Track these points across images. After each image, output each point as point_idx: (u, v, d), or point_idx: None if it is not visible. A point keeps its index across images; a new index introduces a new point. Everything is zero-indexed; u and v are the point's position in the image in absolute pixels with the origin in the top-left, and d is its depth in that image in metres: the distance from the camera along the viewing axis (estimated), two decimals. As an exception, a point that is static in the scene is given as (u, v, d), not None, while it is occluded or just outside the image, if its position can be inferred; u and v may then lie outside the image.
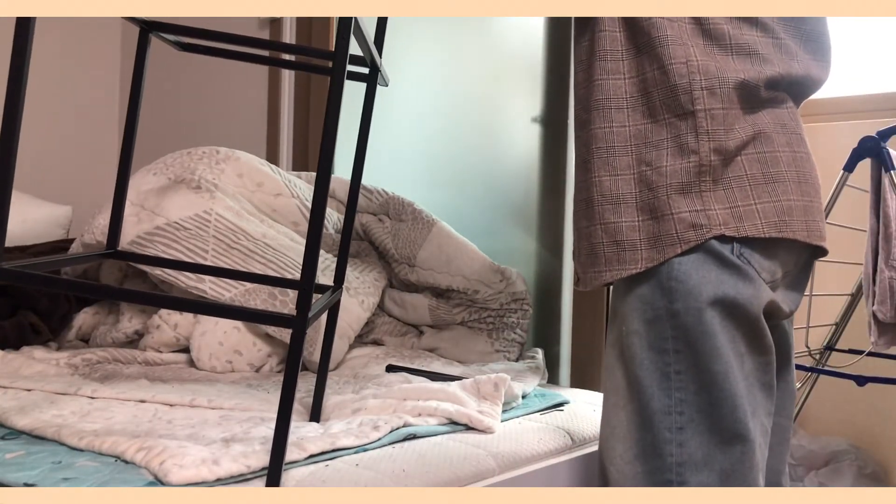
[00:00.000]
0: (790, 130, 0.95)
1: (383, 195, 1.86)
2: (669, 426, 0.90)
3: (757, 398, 0.92)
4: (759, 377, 0.93)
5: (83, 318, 1.74)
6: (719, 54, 0.92)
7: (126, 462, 0.94)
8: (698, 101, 0.90)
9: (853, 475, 1.77)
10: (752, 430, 0.89)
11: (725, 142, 0.90)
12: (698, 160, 0.91)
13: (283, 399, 0.84)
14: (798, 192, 0.93)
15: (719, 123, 0.90)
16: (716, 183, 0.91)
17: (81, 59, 2.70)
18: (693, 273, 0.90)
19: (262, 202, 1.70)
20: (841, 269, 1.76)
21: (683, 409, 0.90)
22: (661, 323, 0.91)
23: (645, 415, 0.92)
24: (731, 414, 0.89)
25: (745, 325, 0.91)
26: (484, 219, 2.12)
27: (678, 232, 0.91)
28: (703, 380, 0.89)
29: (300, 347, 0.84)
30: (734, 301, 0.89)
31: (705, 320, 0.89)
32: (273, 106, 2.33)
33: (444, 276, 1.75)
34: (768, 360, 0.94)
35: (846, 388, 1.71)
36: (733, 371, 0.89)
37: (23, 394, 1.25)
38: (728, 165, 0.91)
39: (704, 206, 0.91)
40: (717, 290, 0.89)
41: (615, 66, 0.96)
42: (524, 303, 1.79)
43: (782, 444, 1.06)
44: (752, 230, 0.90)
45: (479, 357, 1.69)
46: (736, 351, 0.90)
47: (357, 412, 1.20)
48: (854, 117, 1.92)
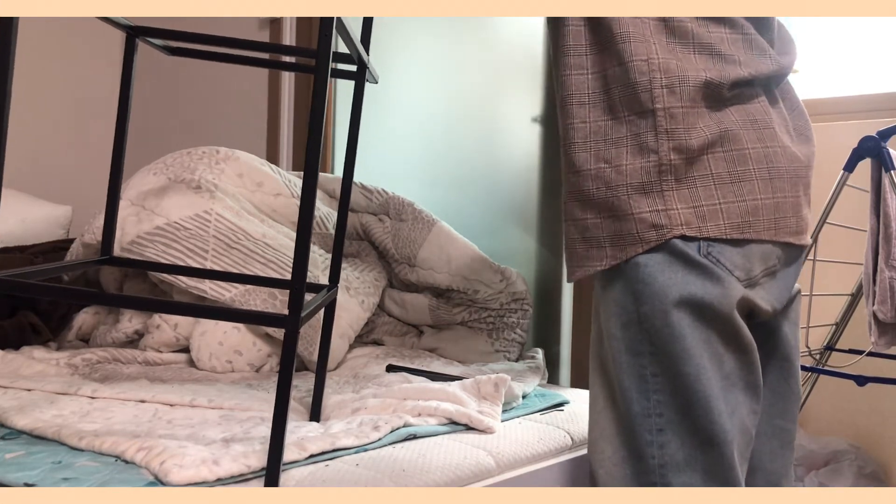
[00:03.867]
0: (762, 125, 0.94)
1: (383, 195, 1.86)
2: (650, 428, 0.90)
3: (738, 398, 0.92)
4: (741, 376, 0.92)
5: (83, 318, 1.73)
6: (682, 52, 0.91)
7: (126, 462, 0.94)
8: (658, 100, 0.90)
9: (853, 475, 1.77)
10: (728, 430, 0.89)
11: (686, 140, 0.89)
12: (658, 159, 0.90)
13: (279, 398, 0.84)
14: (768, 190, 0.91)
15: (679, 122, 0.89)
16: (678, 182, 0.90)
17: (82, 58, 2.70)
18: (658, 275, 0.89)
19: (262, 202, 1.70)
20: (841, 269, 1.76)
21: (662, 411, 0.90)
22: (633, 326, 0.91)
23: (627, 417, 0.92)
24: (706, 415, 0.88)
25: (719, 325, 0.90)
26: (484, 219, 2.12)
27: (639, 231, 0.91)
28: (676, 382, 0.89)
29: (293, 346, 0.85)
30: (702, 301, 0.88)
31: (672, 322, 0.88)
32: (273, 106, 2.33)
33: (445, 276, 1.75)
34: (749, 360, 0.93)
35: (846, 388, 1.70)
36: (706, 372, 0.88)
37: (23, 394, 1.25)
38: (692, 164, 0.90)
39: (666, 205, 0.90)
40: (683, 291, 0.88)
41: (578, 61, 0.95)
42: (524, 303, 1.79)
43: (785, 447, 1.05)
44: (715, 231, 0.89)
45: (479, 357, 1.69)
46: (712, 351, 0.90)
47: (357, 412, 1.20)
48: (854, 117, 1.92)
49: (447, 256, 1.76)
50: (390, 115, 1.99)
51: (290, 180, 1.78)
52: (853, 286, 1.81)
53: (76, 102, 2.71)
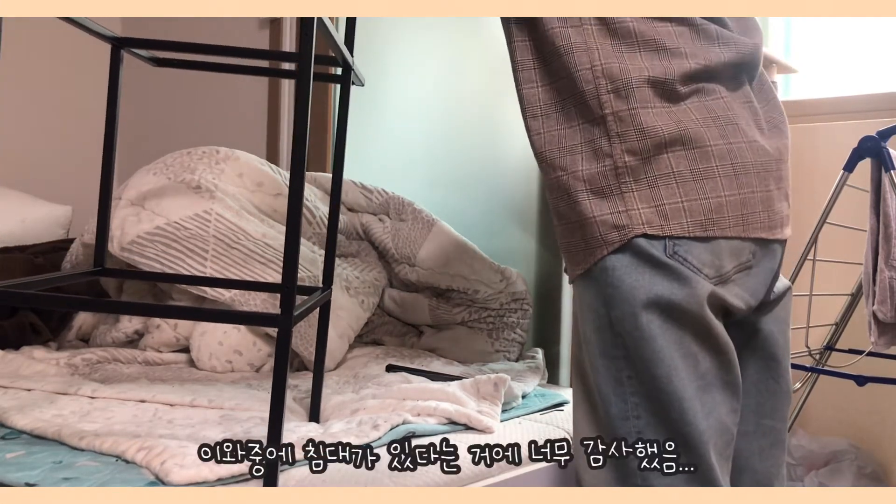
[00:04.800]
0: (724, 121, 0.92)
1: (383, 195, 1.86)
2: (629, 431, 0.90)
3: (715, 397, 0.91)
4: (717, 376, 0.91)
5: (83, 317, 1.73)
6: (627, 53, 0.91)
7: (126, 462, 0.94)
8: (606, 105, 0.90)
9: (853, 475, 1.77)
10: (703, 430, 0.89)
11: (639, 141, 0.89)
12: (612, 162, 0.90)
13: (275, 397, 0.84)
14: (733, 186, 0.90)
15: (628, 125, 0.89)
16: (637, 182, 0.89)
17: (82, 58, 2.70)
18: (626, 278, 0.89)
19: (262, 202, 1.70)
20: (841, 269, 1.76)
21: (640, 414, 0.90)
22: (606, 330, 0.91)
23: (606, 421, 0.92)
24: (680, 417, 0.88)
25: (690, 325, 0.89)
26: (484, 219, 2.12)
27: (601, 234, 0.91)
28: (649, 384, 0.89)
29: (287, 345, 0.86)
30: (669, 301, 0.88)
31: (642, 325, 0.88)
32: (273, 106, 2.33)
33: (444, 276, 1.75)
34: (726, 359, 0.92)
35: (846, 388, 1.70)
36: (678, 373, 0.88)
37: (23, 394, 1.25)
38: (650, 164, 0.89)
39: (626, 206, 0.90)
40: (650, 293, 0.88)
41: (529, 75, 0.97)
42: (524, 303, 1.79)
43: (775, 446, 1.04)
44: (678, 229, 0.89)
45: (479, 357, 1.69)
46: (685, 352, 0.89)
47: (356, 412, 1.20)
48: (854, 117, 1.92)
49: (447, 256, 1.76)
50: (390, 114, 1.99)
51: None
52: (853, 286, 1.81)
53: (76, 102, 2.71)
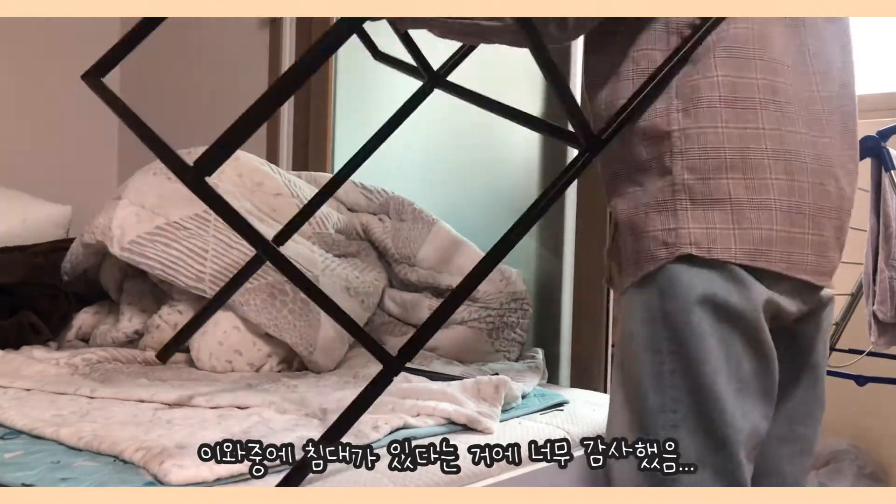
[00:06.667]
0: (796, 158, 0.92)
1: (383, 195, 1.86)
2: (664, 424, 0.91)
3: (752, 402, 0.92)
4: (757, 381, 0.92)
5: (83, 317, 1.73)
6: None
7: (125, 462, 0.94)
8: (674, 122, 0.91)
9: (853, 475, 1.77)
10: (739, 431, 0.90)
11: (702, 160, 0.90)
12: (672, 179, 0.91)
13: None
14: (785, 223, 0.90)
15: (693, 142, 0.90)
16: (694, 202, 0.90)
17: (81, 58, 2.70)
18: (684, 274, 0.90)
19: (261, 202, 1.69)
20: (841, 269, 1.75)
21: (677, 408, 0.90)
22: (655, 324, 0.92)
23: (642, 413, 0.93)
24: (720, 416, 0.89)
25: (741, 328, 0.90)
26: (484, 219, 2.11)
27: (651, 249, 0.92)
28: (693, 381, 0.90)
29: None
30: (725, 302, 0.89)
31: (693, 321, 0.89)
32: (273, 106, 2.32)
33: (444, 276, 1.75)
34: (767, 365, 0.93)
35: (846, 388, 1.70)
36: (722, 373, 0.89)
37: (22, 393, 1.25)
38: (709, 185, 0.90)
39: (678, 224, 0.91)
40: (707, 290, 0.89)
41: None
42: (524, 302, 1.79)
43: (804, 453, 1.05)
44: (724, 254, 0.89)
45: (479, 357, 1.69)
46: (730, 353, 0.90)
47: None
48: (854, 117, 1.92)
49: (447, 256, 1.76)
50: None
51: (289, 180, 1.77)
52: (853, 286, 1.81)
53: (76, 102, 2.71)
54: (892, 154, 1.56)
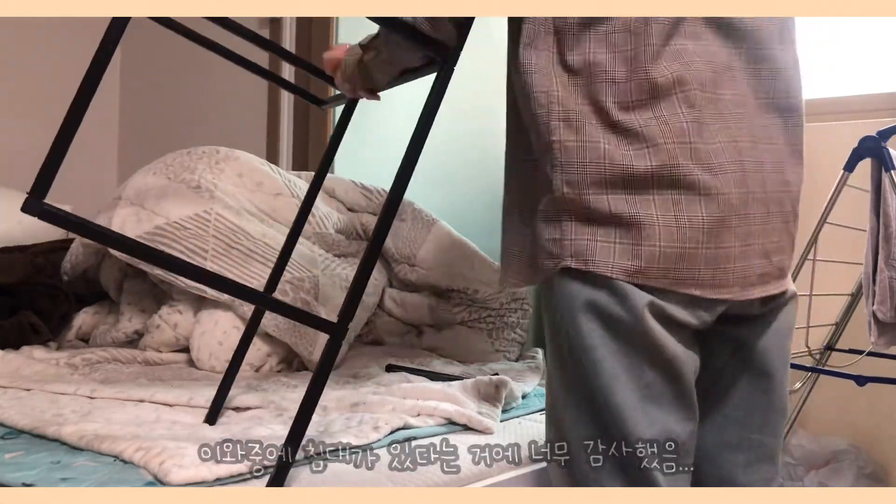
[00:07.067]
0: (686, 172, 0.88)
1: (383, 195, 1.86)
2: (582, 435, 0.90)
3: (659, 408, 0.90)
4: (666, 386, 0.90)
5: (83, 318, 1.73)
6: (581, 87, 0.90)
7: (125, 462, 0.94)
8: (554, 131, 0.89)
9: (853, 475, 1.77)
10: (641, 440, 0.88)
11: (580, 175, 0.88)
12: (553, 192, 0.90)
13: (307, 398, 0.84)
14: (672, 238, 0.87)
15: (572, 156, 0.88)
16: (575, 215, 0.89)
17: (81, 58, 2.70)
18: (568, 285, 0.90)
19: (262, 202, 1.70)
20: (841, 269, 1.75)
21: (591, 419, 0.90)
22: (557, 337, 0.92)
23: (562, 428, 0.93)
24: (620, 424, 0.88)
25: (629, 337, 0.88)
26: (484, 219, 2.11)
27: (541, 258, 0.92)
28: (592, 394, 0.89)
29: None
30: (608, 312, 0.88)
31: (583, 332, 0.88)
32: (273, 106, 2.33)
33: (444, 276, 1.75)
34: (674, 372, 0.90)
35: (846, 388, 1.70)
36: (619, 383, 0.88)
37: (22, 393, 1.25)
38: (588, 200, 0.88)
39: (563, 234, 0.90)
40: (590, 298, 0.88)
41: (510, 99, 1.01)
42: (524, 302, 1.79)
43: (762, 461, 1.01)
44: (602, 268, 0.87)
45: (479, 356, 1.69)
46: (628, 362, 0.88)
47: (356, 406, 1.20)
48: (854, 117, 1.92)
49: (447, 256, 1.76)
50: (389, 114, 1.99)
51: (289, 180, 1.78)
52: (853, 286, 1.81)
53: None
54: (893, 154, 1.56)
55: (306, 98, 1.30)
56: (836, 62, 2.04)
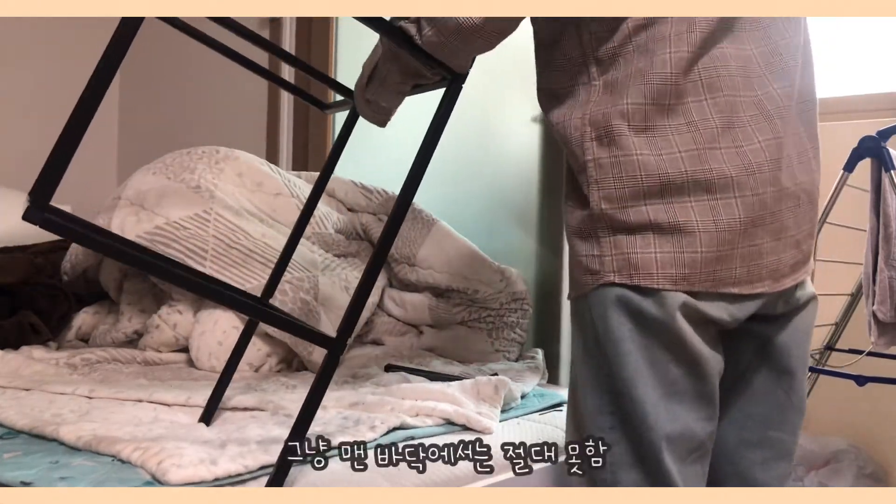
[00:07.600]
0: (719, 174, 0.89)
1: (383, 195, 1.86)
2: (602, 426, 0.91)
3: (684, 405, 0.91)
4: (690, 384, 0.91)
5: (83, 318, 1.74)
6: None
7: (123, 461, 0.94)
8: (588, 151, 0.91)
9: (853, 475, 1.77)
10: (661, 436, 0.89)
11: (618, 189, 0.89)
12: (590, 210, 0.91)
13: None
14: (711, 243, 0.88)
15: (607, 172, 0.90)
16: (614, 230, 0.90)
17: (81, 58, 2.70)
18: (608, 290, 0.91)
19: (261, 202, 1.70)
20: (841, 269, 1.75)
21: (614, 410, 0.91)
22: (587, 329, 0.93)
23: (582, 416, 0.94)
24: (642, 419, 0.89)
25: (658, 334, 0.89)
26: (484, 219, 2.12)
27: (580, 275, 0.94)
28: (618, 385, 0.90)
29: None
30: (639, 309, 0.89)
31: (612, 326, 0.89)
32: (273, 106, 2.33)
33: (444, 276, 1.75)
34: (699, 371, 0.91)
35: (846, 388, 1.70)
36: (643, 378, 0.89)
37: (22, 393, 1.25)
38: (627, 213, 0.89)
39: (601, 251, 0.91)
40: (621, 295, 0.89)
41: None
42: (524, 302, 1.79)
43: (780, 458, 1.02)
44: (646, 280, 0.88)
45: (478, 356, 1.69)
46: (653, 358, 0.89)
47: (355, 406, 1.20)
48: (854, 117, 1.92)
49: (447, 256, 1.76)
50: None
51: (289, 180, 1.78)
52: (853, 286, 1.81)
53: (76, 102, 2.72)
54: (893, 154, 1.56)
55: (307, 100, 1.30)
56: (837, 62, 2.04)
